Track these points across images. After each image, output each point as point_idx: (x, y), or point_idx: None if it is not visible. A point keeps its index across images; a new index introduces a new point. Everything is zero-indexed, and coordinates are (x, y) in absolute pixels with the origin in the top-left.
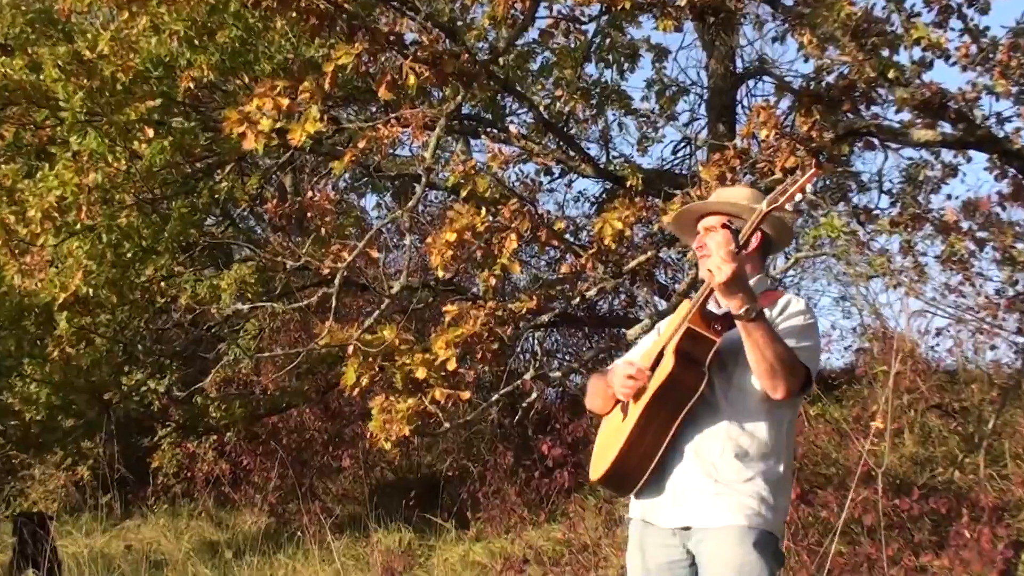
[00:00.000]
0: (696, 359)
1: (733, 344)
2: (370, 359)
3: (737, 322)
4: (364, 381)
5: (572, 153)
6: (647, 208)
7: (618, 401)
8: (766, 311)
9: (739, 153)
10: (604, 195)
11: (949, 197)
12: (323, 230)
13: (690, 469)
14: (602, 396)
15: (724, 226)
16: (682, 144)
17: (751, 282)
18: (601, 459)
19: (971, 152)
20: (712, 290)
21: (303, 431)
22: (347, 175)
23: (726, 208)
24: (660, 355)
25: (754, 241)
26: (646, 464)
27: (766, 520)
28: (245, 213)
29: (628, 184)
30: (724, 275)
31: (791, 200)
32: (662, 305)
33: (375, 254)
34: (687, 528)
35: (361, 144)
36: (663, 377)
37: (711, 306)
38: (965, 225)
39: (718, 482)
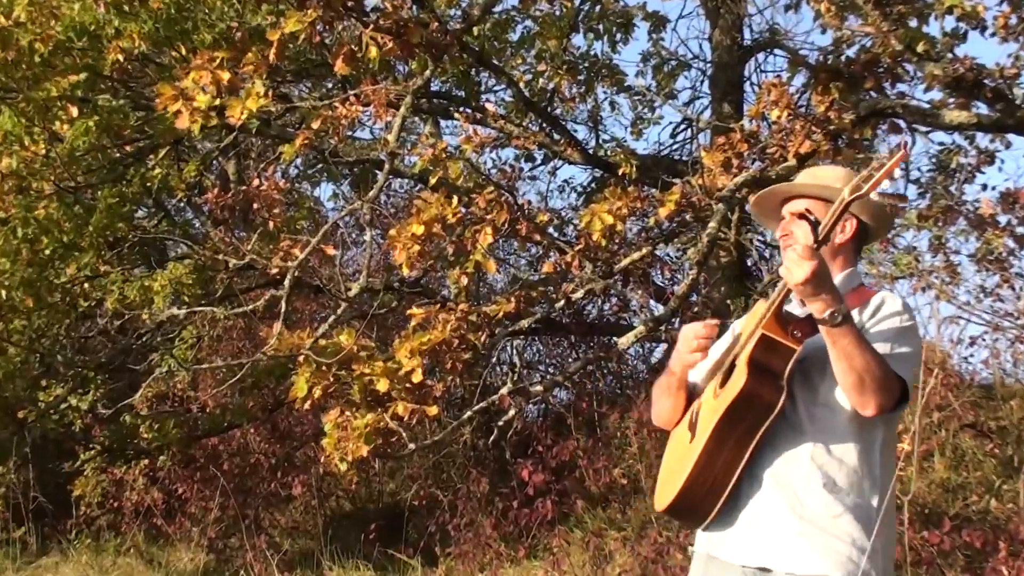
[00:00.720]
0: (773, 371)
1: (817, 352)
2: (324, 368)
3: (820, 328)
4: (316, 393)
5: (557, 136)
6: (642, 199)
7: (688, 406)
8: (855, 313)
9: (747, 136)
10: (593, 184)
11: (985, 188)
12: (271, 224)
13: (769, 499)
14: (667, 393)
15: (802, 216)
16: (682, 126)
17: (839, 278)
18: (667, 487)
19: (1010, 136)
20: (790, 289)
21: (247, 454)
22: (299, 161)
23: (816, 191)
24: (732, 367)
25: (848, 230)
26: (718, 493)
27: (860, 568)
28: (182, 204)
29: (620, 172)
30: (800, 275)
31: (876, 187)
32: (658, 310)
33: (331, 251)
34: (765, 570)
35: (315, 125)
36: (735, 393)
37: (792, 307)
38: (1003, 219)
39: (803, 519)
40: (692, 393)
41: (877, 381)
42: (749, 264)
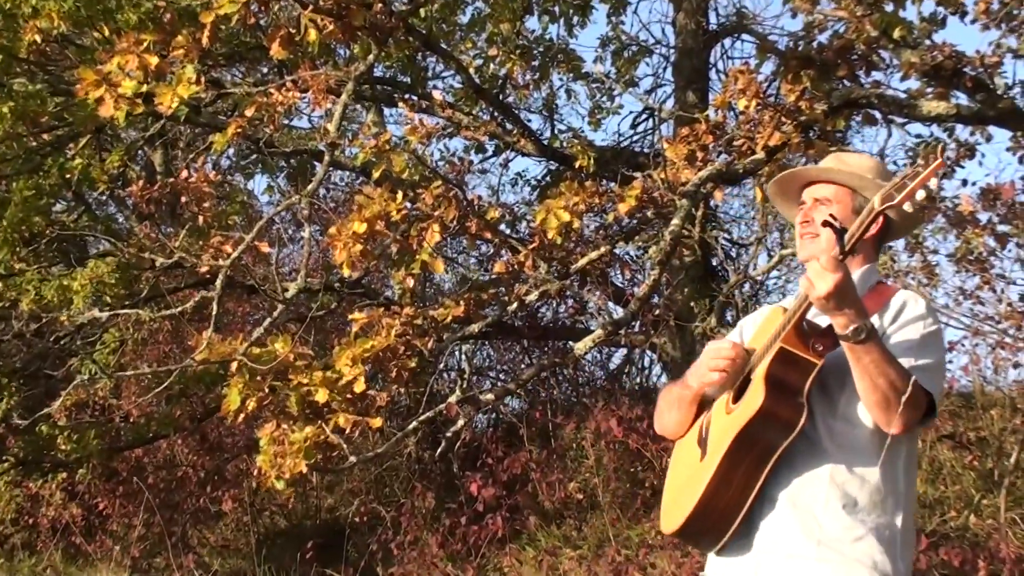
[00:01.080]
0: (792, 388)
1: (838, 364)
2: (259, 378)
3: (842, 343)
4: (251, 405)
5: (509, 126)
6: (600, 194)
7: (697, 416)
8: (875, 317)
9: (712, 128)
10: (548, 178)
11: (965, 183)
12: (201, 219)
13: (785, 522)
14: (678, 406)
15: (827, 224)
16: (643, 116)
17: (856, 275)
18: (675, 508)
19: (991, 128)
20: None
21: (174, 467)
22: (231, 151)
23: (843, 178)
24: (746, 381)
25: (873, 227)
26: (731, 517)
27: None
28: (104, 197)
29: (577, 164)
30: (824, 288)
31: (910, 197)
32: (617, 312)
33: (266, 248)
34: None
35: (249, 112)
36: (752, 412)
37: (814, 315)
38: (984, 217)
39: (822, 543)
40: (702, 403)
41: (903, 398)
42: (714, 264)
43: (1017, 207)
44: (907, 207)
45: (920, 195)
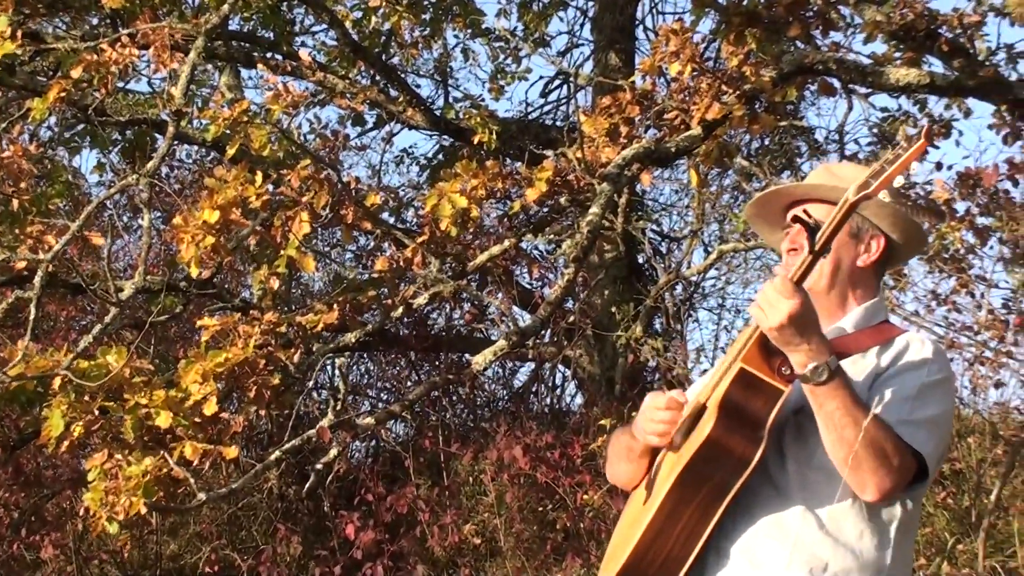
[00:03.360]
0: (751, 418)
1: None
2: (86, 397)
3: (803, 386)
4: (77, 431)
5: (394, 92)
6: (504, 176)
7: (650, 467)
8: (873, 354)
9: (639, 97)
10: (441, 156)
11: (940, 166)
12: (16, 203)
13: None
14: (625, 455)
15: (796, 219)
16: (556, 83)
17: (857, 312)
18: (611, 561)
19: (970, 101)
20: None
21: None
22: (53, 120)
23: (839, 195)
24: (702, 410)
25: (875, 249)
26: (671, 570)
27: None
28: None
29: (476, 140)
30: (776, 319)
31: (888, 184)
32: (524, 319)
33: (97, 239)
34: None
35: (75, 73)
36: (698, 442)
37: None
38: (961, 207)
39: None
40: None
41: (878, 458)
42: (641, 261)
43: (1000, 195)
44: (883, 196)
45: (899, 181)
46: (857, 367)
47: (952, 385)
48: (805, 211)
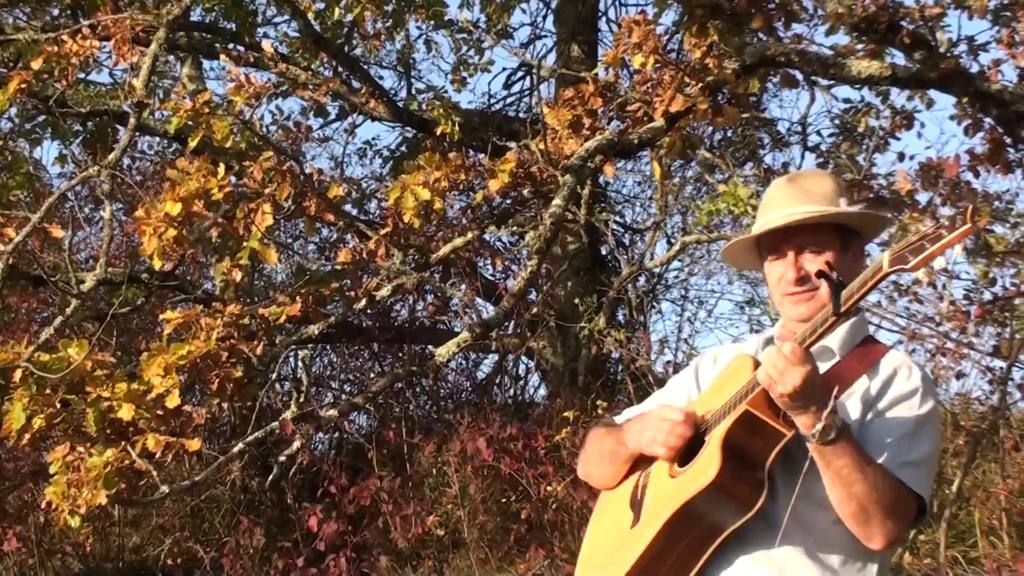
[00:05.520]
0: (752, 460)
1: None
2: (48, 390)
3: (808, 443)
4: (38, 423)
5: (356, 84)
6: (466, 168)
7: (631, 472)
8: (862, 381)
9: (602, 89)
10: (403, 148)
11: (902, 157)
12: None
13: None
14: (610, 460)
15: (820, 274)
16: (519, 74)
17: (842, 329)
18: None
19: (932, 93)
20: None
21: None
22: (13, 111)
23: (830, 218)
24: (699, 439)
25: (858, 256)
26: None
27: None
28: None
29: (439, 132)
30: (791, 385)
31: (927, 263)
32: (488, 311)
33: (57, 233)
34: None
35: (36, 64)
36: (702, 484)
37: None
38: (923, 198)
39: None
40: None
41: (885, 510)
42: (604, 253)
43: (963, 186)
44: (920, 275)
45: (939, 263)
46: (850, 401)
47: (939, 410)
48: (828, 263)
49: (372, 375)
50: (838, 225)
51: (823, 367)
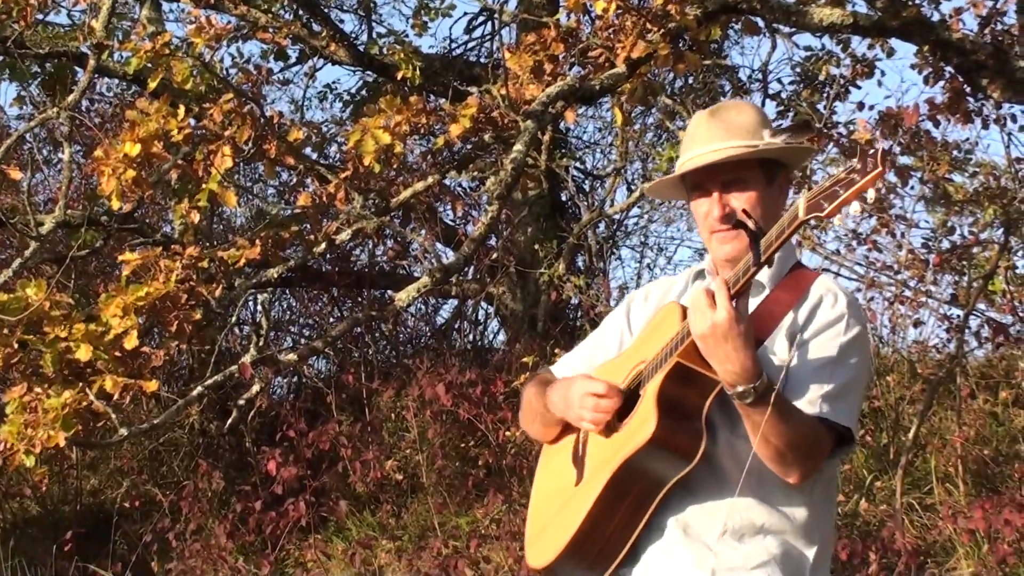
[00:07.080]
0: (688, 410)
1: None
2: (5, 331)
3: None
4: None
5: (317, 27)
6: (427, 113)
7: (566, 428)
8: (789, 316)
9: (564, 35)
10: (364, 92)
11: (862, 106)
12: None
13: (673, 554)
14: (540, 419)
15: (738, 225)
16: (480, 19)
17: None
18: (546, 540)
19: (893, 41)
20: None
21: None
22: None
23: (754, 153)
24: (633, 391)
25: (784, 187)
26: (613, 553)
27: None
28: None
29: (400, 76)
30: (699, 327)
31: (842, 208)
32: (447, 256)
33: (16, 174)
34: None
35: None
36: (641, 441)
37: None
38: (883, 146)
39: (716, 572)
40: None
41: (803, 452)
42: (564, 199)
43: (922, 135)
44: (836, 220)
45: (854, 207)
46: (778, 338)
47: (867, 335)
48: (745, 212)
49: (331, 319)
50: (762, 159)
51: (753, 302)
